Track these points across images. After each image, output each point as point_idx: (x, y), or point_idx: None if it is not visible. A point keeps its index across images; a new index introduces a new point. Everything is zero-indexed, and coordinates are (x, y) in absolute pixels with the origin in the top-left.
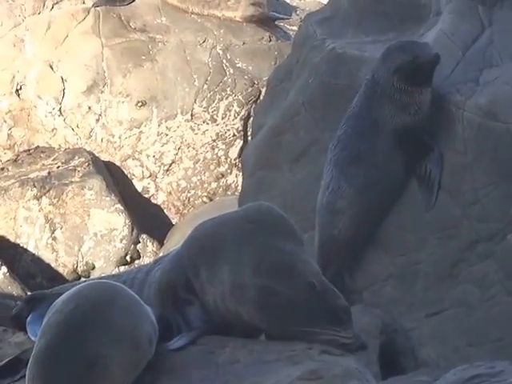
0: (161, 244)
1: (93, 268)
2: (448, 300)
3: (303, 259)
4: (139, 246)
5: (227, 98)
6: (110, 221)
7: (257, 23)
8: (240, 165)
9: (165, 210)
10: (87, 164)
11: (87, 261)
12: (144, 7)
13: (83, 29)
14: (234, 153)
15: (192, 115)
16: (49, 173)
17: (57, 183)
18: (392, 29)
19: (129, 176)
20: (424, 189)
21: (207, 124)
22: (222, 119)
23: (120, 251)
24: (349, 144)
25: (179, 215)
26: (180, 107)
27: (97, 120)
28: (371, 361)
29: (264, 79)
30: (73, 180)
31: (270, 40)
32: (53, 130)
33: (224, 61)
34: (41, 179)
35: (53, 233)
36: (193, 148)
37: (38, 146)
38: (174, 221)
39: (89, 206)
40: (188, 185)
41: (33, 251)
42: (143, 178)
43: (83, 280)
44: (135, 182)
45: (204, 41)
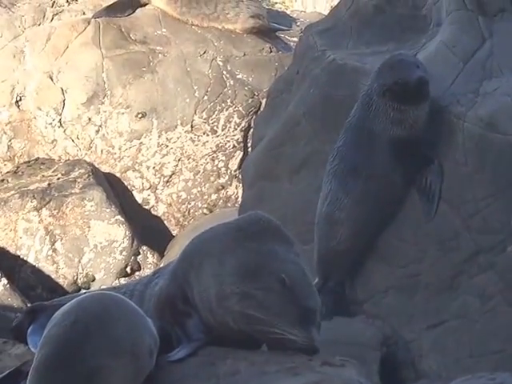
0: (161, 255)
1: (93, 280)
2: (449, 311)
3: (282, 258)
4: (139, 258)
5: (227, 110)
6: (111, 232)
7: (257, 34)
8: (240, 176)
9: (165, 222)
10: (87, 175)
11: (87, 272)
12: (144, 18)
13: (83, 40)
14: (235, 164)
15: (192, 126)
16: (49, 184)
17: (57, 195)
18: (392, 40)
19: (129, 187)
20: (424, 200)
21: (207, 135)
22: (222, 130)
23: (120, 263)
24: (347, 156)
25: (179, 227)
26: (180, 118)
27: (97, 131)
28: (372, 372)
29: (264, 90)
30: (73, 191)
31: (271, 51)
32: (53, 142)
33: (224, 72)
34: (41, 191)
35: (53, 244)
36: (193, 159)
37: (38, 158)
38: (175, 232)
39: (89, 218)
40: (188, 196)
41: (33, 263)
42: (143, 190)
43: (83, 292)
44: (135, 194)
45: (204, 52)
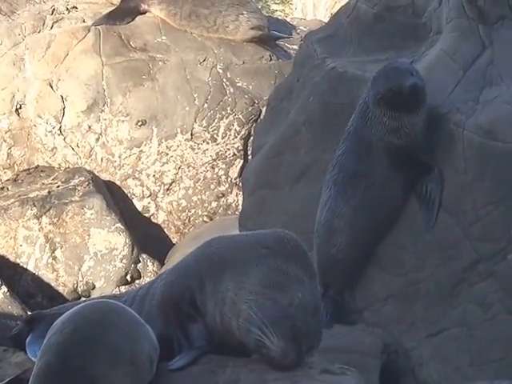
0: (161, 264)
1: (93, 288)
2: (449, 319)
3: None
4: (140, 266)
5: (227, 117)
6: (111, 240)
7: (257, 42)
8: (240, 184)
9: (165, 230)
10: (87, 183)
11: (87, 280)
12: (144, 26)
13: (83, 48)
14: (235, 172)
15: (192, 134)
16: (49, 192)
17: (57, 202)
18: (392, 48)
19: (129, 195)
20: (424, 208)
21: (207, 143)
22: (222, 138)
23: (120, 271)
24: (346, 164)
25: (180, 234)
26: (180, 126)
27: (97, 139)
28: (372, 380)
29: (264, 98)
30: (73, 199)
31: (271, 59)
32: (53, 150)
33: (224, 80)
34: (41, 198)
35: (53, 252)
36: (193, 167)
37: (38, 166)
38: (175, 240)
39: (89, 226)
40: (188, 204)
41: (33, 271)
42: (143, 198)
43: (83, 300)
44: (135, 202)
45: (204, 60)
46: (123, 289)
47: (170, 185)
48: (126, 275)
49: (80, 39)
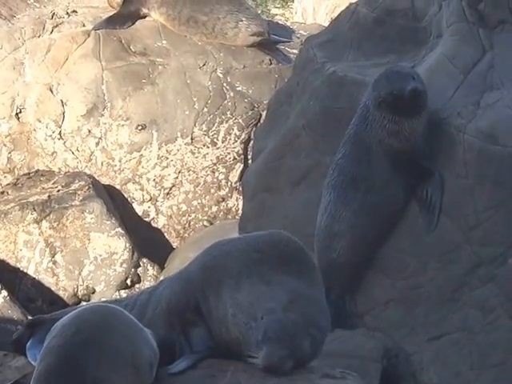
0: (161, 268)
1: (93, 292)
2: (449, 324)
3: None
4: (140, 270)
5: (227, 122)
6: (111, 245)
7: (257, 46)
8: (240, 188)
9: (165, 234)
10: (87, 188)
11: (87, 285)
12: (144, 30)
13: (83, 52)
14: (235, 176)
15: (192, 138)
16: (49, 196)
17: (57, 207)
18: (393, 52)
19: (129, 200)
20: (425, 212)
21: (207, 147)
22: (223, 143)
23: (120, 275)
24: (346, 168)
25: (180, 239)
26: (180, 130)
27: (97, 143)
28: None
29: (264, 102)
30: (73, 204)
31: (271, 63)
32: (53, 154)
33: (224, 84)
34: (41, 203)
35: (53, 257)
36: (193, 171)
37: (38, 170)
38: (175, 244)
39: (89, 230)
40: (188, 208)
41: (33, 275)
42: (143, 202)
43: (83, 304)
44: (135, 206)
45: (204, 64)
46: (123, 293)
47: (170, 189)
48: (126, 279)
49: (80, 43)
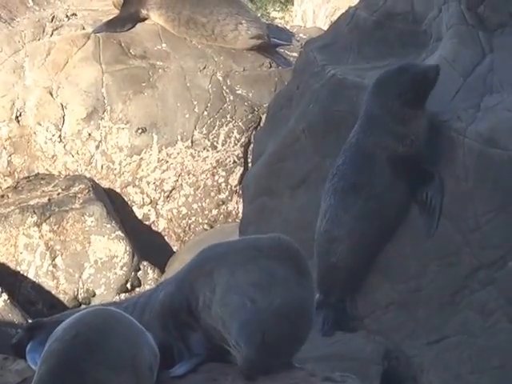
0: (162, 271)
1: (93, 295)
2: (450, 327)
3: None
4: (140, 274)
5: (227, 125)
6: (111, 248)
7: (257, 50)
8: (240, 192)
9: (165, 237)
10: (87, 191)
11: (88, 288)
12: (144, 34)
13: (83, 55)
14: (235, 180)
15: (192, 142)
16: (49, 199)
17: (57, 210)
18: (392, 55)
19: (129, 203)
20: (425, 215)
21: (207, 151)
22: (223, 146)
23: (121, 278)
24: (347, 174)
25: (180, 242)
26: (180, 134)
27: (97, 147)
28: None
29: (264, 106)
30: (73, 207)
31: (271, 66)
32: (53, 157)
33: (224, 87)
34: (41, 206)
35: (53, 260)
36: (193, 175)
37: (38, 173)
38: (175, 248)
39: (89, 233)
40: (188, 212)
41: (33, 278)
42: (143, 205)
43: (84, 307)
44: (135, 209)
45: (204, 67)
46: (123, 296)
47: (171, 192)
48: (127, 283)
49: (80, 47)
